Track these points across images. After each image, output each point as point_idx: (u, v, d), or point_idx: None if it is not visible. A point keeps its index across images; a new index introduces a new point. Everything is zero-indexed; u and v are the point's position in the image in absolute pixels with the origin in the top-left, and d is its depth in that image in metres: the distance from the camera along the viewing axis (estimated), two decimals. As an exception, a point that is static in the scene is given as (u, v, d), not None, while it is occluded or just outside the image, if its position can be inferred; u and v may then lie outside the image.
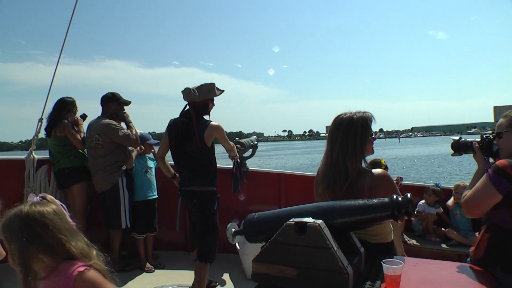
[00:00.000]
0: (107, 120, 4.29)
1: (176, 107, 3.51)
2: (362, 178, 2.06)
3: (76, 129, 4.44)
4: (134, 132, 4.39)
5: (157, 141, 4.42)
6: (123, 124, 4.44)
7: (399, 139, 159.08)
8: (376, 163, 4.44)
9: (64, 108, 4.44)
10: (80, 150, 4.46)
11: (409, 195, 1.64)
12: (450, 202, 4.49)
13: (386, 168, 4.49)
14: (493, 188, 1.90)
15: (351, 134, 2.06)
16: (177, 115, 3.55)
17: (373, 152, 2.18)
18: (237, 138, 4.46)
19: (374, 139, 2.17)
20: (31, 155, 4.45)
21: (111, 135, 4.23)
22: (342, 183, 2.04)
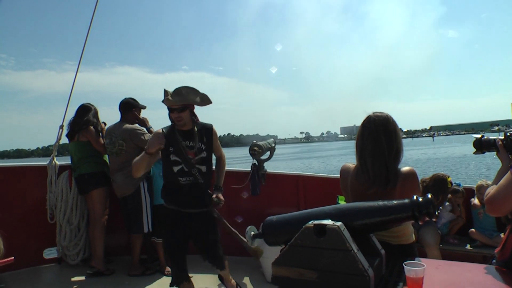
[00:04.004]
0: (132, 126, 4.33)
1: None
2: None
3: (100, 135, 4.51)
4: None
5: None
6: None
7: (433, 138, 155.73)
8: (442, 180, 4.20)
9: (89, 113, 4.50)
10: (100, 156, 4.53)
11: (429, 195, 1.60)
12: (476, 202, 4.37)
13: (451, 185, 4.29)
14: None
15: (393, 135, 2.05)
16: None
17: None
18: (254, 141, 4.45)
19: None
20: (53, 162, 4.54)
21: (137, 140, 4.25)
22: (393, 183, 2.01)
